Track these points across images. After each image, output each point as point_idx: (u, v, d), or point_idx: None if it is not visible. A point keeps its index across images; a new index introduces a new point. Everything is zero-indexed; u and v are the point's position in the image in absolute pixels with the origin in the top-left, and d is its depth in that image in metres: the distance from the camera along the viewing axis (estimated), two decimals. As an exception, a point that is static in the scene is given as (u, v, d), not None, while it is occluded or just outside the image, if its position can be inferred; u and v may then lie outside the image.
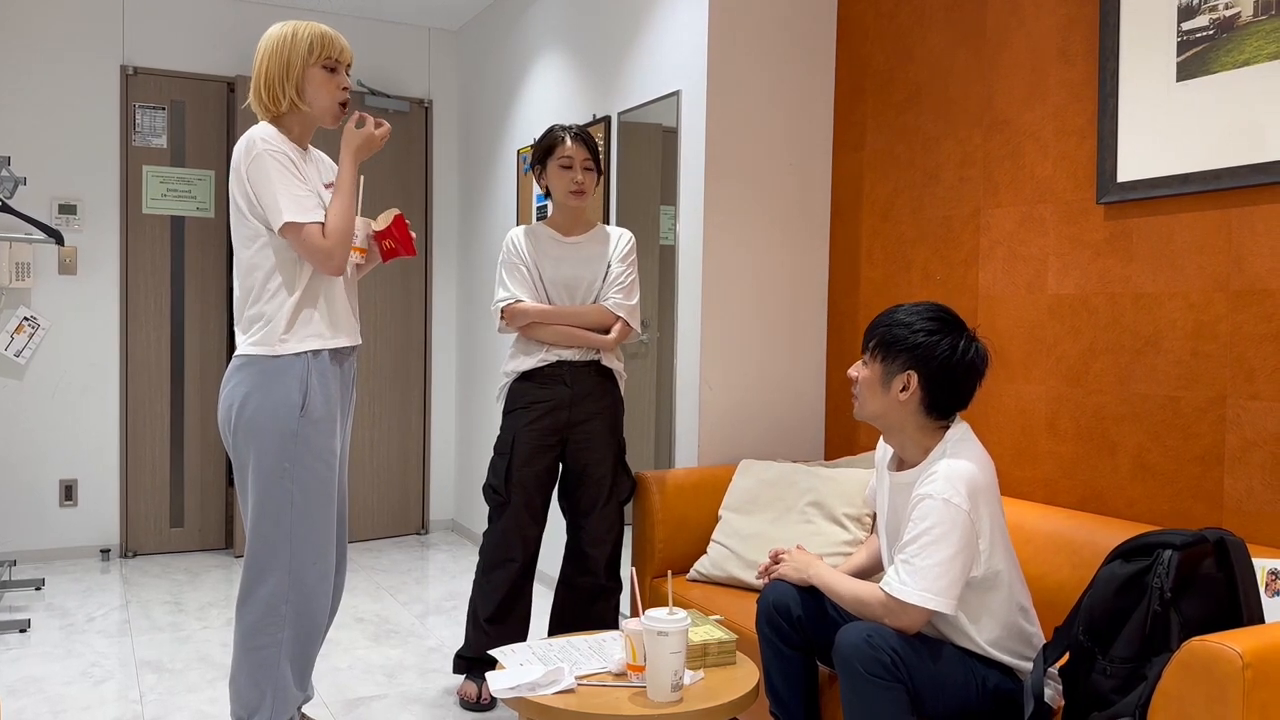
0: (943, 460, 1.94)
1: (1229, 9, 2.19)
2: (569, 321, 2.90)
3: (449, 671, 3.33)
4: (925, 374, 1.96)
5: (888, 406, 2.01)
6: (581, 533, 2.98)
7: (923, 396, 1.97)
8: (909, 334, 1.97)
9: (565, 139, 2.91)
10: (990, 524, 1.94)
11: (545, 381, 2.91)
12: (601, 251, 2.97)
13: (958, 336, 1.97)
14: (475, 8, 5.10)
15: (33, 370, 4.64)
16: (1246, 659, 1.47)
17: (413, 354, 5.39)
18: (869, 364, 2.04)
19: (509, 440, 2.92)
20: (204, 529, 4.99)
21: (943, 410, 1.99)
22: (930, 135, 3.02)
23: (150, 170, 4.83)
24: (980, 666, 1.97)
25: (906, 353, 1.97)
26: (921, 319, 1.98)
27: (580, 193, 2.92)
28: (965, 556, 1.89)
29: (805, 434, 3.44)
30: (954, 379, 1.97)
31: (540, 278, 2.95)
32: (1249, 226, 2.19)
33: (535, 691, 1.98)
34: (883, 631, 1.89)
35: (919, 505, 1.91)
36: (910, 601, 1.88)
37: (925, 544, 1.89)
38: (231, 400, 2.35)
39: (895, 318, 2.01)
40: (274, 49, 2.37)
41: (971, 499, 1.90)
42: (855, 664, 1.86)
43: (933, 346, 1.95)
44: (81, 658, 3.41)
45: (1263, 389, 2.16)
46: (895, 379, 1.99)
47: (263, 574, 2.35)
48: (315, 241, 2.29)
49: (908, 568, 1.90)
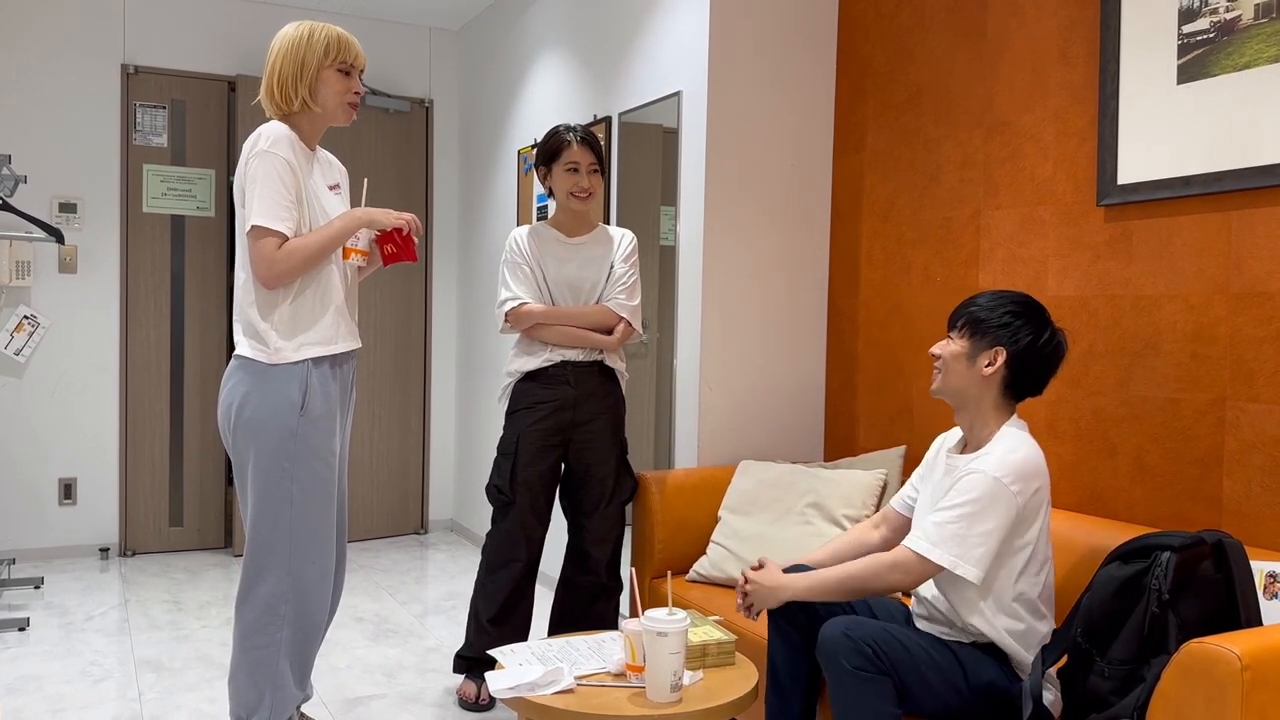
0: (1000, 445, 1.99)
1: (1230, 12, 2.19)
2: (572, 322, 2.90)
3: (448, 671, 3.33)
4: (1012, 353, 2.02)
5: (970, 380, 2.06)
6: (583, 532, 2.98)
7: (1006, 375, 2.04)
8: (998, 315, 2.04)
9: (572, 143, 2.91)
10: (1042, 515, 1.99)
11: (549, 382, 2.91)
12: (605, 252, 2.97)
13: (1044, 325, 2.04)
14: (476, 8, 5.10)
15: (32, 369, 4.64)
16: (1245, 661, 1.47)
17: (412, 353, 5.39)
18: (955, 340, 2.09)
19: (513, 440, 2.92)
20: (203, 528, 4.99)
21: (1019, 392, 2.06)
22: (931, 137, 3.03)
23: (151, 169, 4.83)
24: (979, 658, 1.97)
25: (996, 330, 2.03)
26: (1009, 301, 2.05)
27: (586, 196, 2.92)
28: (1001, 534, 1.93)
29: (805, 435, 3.45)
30: (1037, 363, 2.03)
31: (544, 278, 2.95)
32: (1249, 229, 2.19)
33: (534, 691, 1.98)
34: (863, 624, 1.91)
35: (966, 478, 1.96)
36: (939, 563, 1.93)
37: (966, 513, 1.93)
38: (231, 399, 2.34)
39: (981, 302, 2.08)
40: (289, 49, 2.37)
41: (1021, 483, 1.94)
42: (838, 658, 1.89)
43: (1021, 329, 2.03)
44: (80, 656, 3.41)
45: (1262, 391, 2.16)
46: (983, 354, 2.04)
47: (262, 573, 2.35)
48: (268, 250, 2.27)
49: (942, 531, 1.94)
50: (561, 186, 2.93)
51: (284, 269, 2.29)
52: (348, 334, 2.45)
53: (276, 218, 2.27)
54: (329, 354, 2.39)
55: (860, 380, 3.31)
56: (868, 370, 3.28)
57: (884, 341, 3.21)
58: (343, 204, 2.52)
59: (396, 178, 5.28)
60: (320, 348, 2.37)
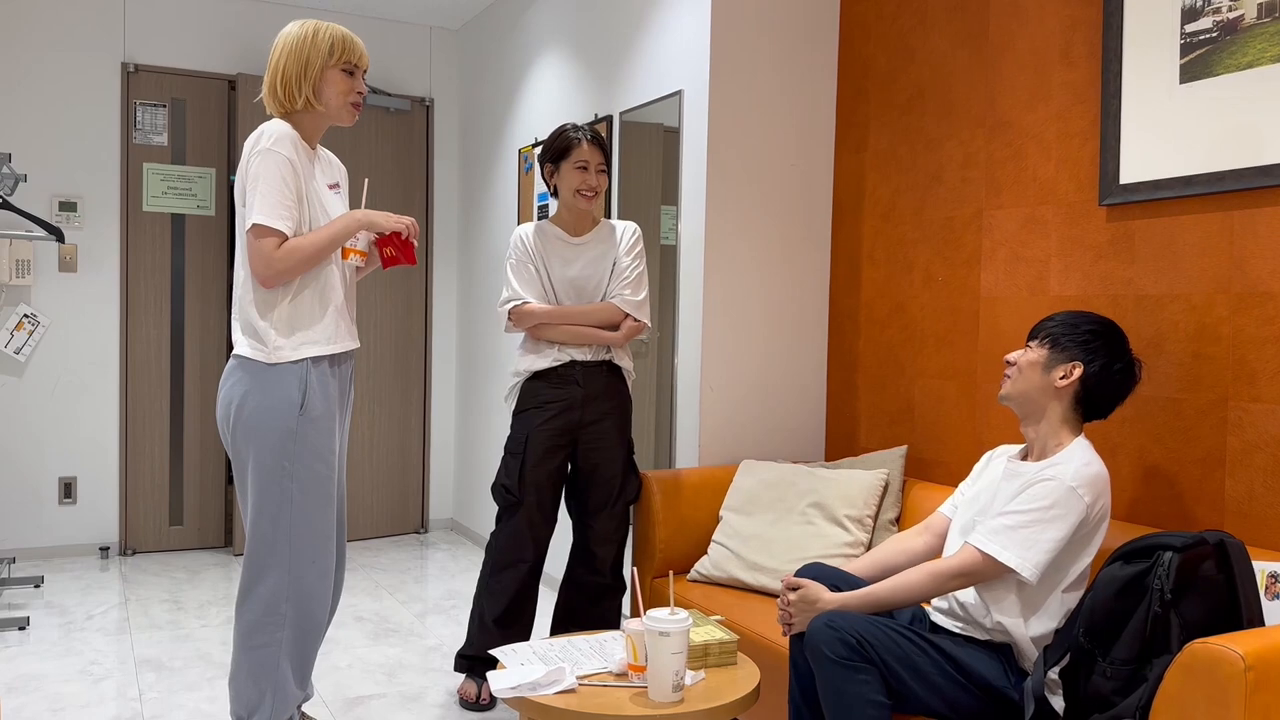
0: (1076, 458, 2.00)
1: (1232, 11, 2.19)
2: (578, 321, 2.89)
3: (449, 670, 3.33)
4: (1089, 370, 2.05)
5: (1043, 389, 2.07)
6: (590, 532, 2.97)
7: (1078, 390, 2.06)
8: (1081, 331, 2.07)
9: (582, 142, 2.91)
10: (1101, 532, 2.00)
11: (558, 381, 2.91)
12: (608, 249, 2.97)
13: (1124, 350, 2.08)
14: (477, 7, 5.10)
15: (33, 367, 4.64)
16: (1248, 661, 1.47)
17: (413, 353, 5.39)
18: (1034, 349, 2.11)
19: (522, 440, 2.91)
20: (203, 527, 4.99)
21: (1089, 410, 2.09)
22: (932, 136, 3.02)
23: (151, 168, 4.82)
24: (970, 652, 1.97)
25: (1080, 346, 2.06)
26: (1095, 323, 2.09)
27: (592, 195, 2.92)
28: (1064, 543, 1.96)
29: (806, 435, 3.44)
30: (1110, 386, 2.07)
31: (549, 277, 2.95)
32: (1251, 229, 2.19)
33: (536, 691, 1.98)
34: (844, 616, 1.93)
35: (1041, 484, 1.97)
36: (1008, 565, 1.94)
37: (1039, 519, 1.95)
38: (230, 399, 2.34)
39: (1067, 317, 2.11)
40: (294, 47, 2.36)
41: (1092, 496, 1.96)
42: (822, 650, 1.90)
43: (1100, 349, 2.06)
44: (80, 656, 3.40)
45: (1264, 391, 2.16)
46: (1060, 366, 2.06)
47: (262, 572, 2.35)
48: (265, 249, 2.27)
49: (1013, 535, 1.95)
50: (569, 184, 2.92)
51: (283, 268, 2.29)
52: (346, 334, 2.45)
53: (277, 216, 2.27)
54: (328, 353, 2.38)
55: (861, 380, 3.31)
56: (869, 370, 3.28)
57: (885, 341, 3.21)
58: (343, 203, 2.52)
59: (397, 177, 5.28)
60: (319, 347, 2.36)
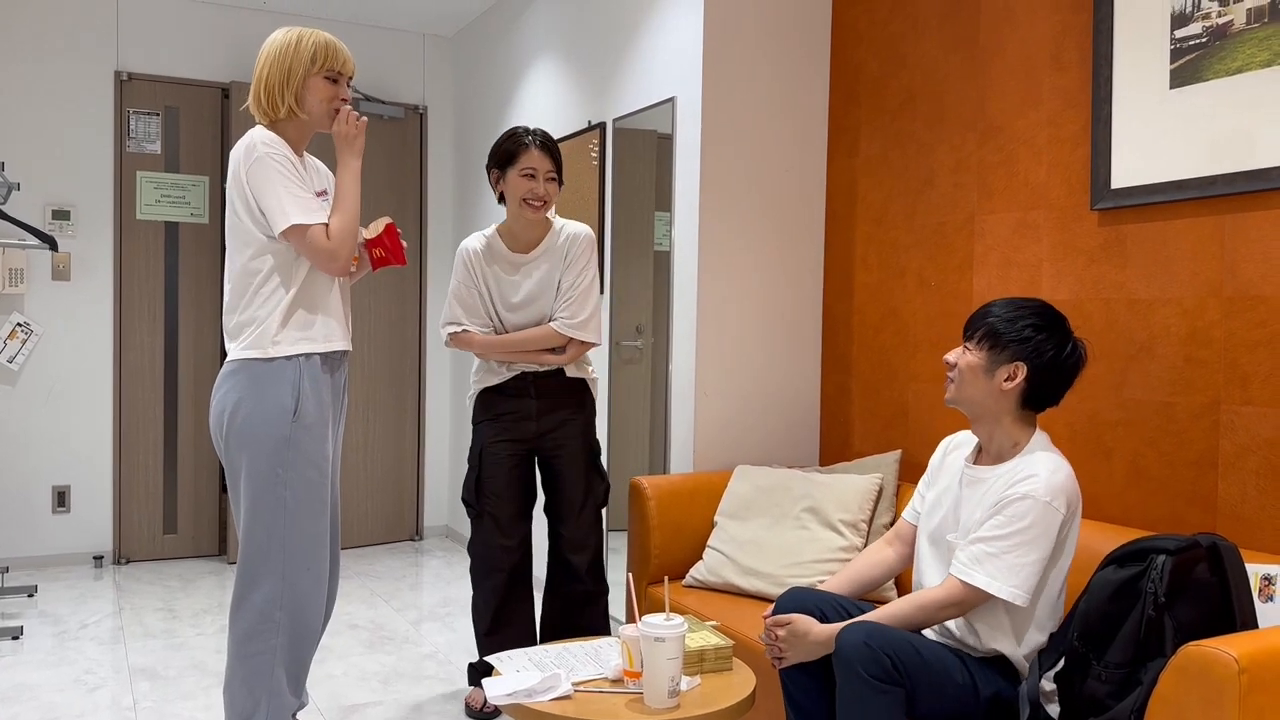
0: (1044, 468, 1.96)
1: (1221, 17, 2.21)
2: (518, 348, 2.84)
3: (444, 678, 3.33)
4: (1033, 368, 1.99)
5: (988, 394, 2.03)
6: (562, 541, 2.97)
7: (1025, 389, 2.01)
8: (1018, 328, 2.00)
9: (530, 146, 2.78)
10: (1075, 538, 1.99)
11: (512, 393, 2.90)
12: (552, 267, 2.87)
13: (1065, 336, 2.01)
14: (470, 14, 5.10)
15: (26, 376, 4.63)
16: (1242, 663, 1.48)
17: (407, 359, 5.38)
18: (972, 350, 2.05)
19: (477, 453, 2.92)
20: (197, 535, 4.97)
21: (1039, 404, 2.04)
22: (924, 141, 3.03)
23: (144, 176, 4.82)
24: (982, 669, 1.97)
25: (1016, 344, 1.99)
26: (1030, 313, 2.01)
27: (540, 205, 2.80)
28: (1048, 558, 1.94)
29: (800, 440, 3.45)
30: (1059, 374, 2.00)
31: (492, 301, 2.89)
32: (1242, 233, 2.20)
33: (532, 698, 1.97)
34: (883, 633, 1.89)
35: (1019, 503, 1.93)
36: (999, 596, 1.91)
37: (1020, 542, 1.92)
38: (223, 406, 2.34)
39: (999, 311, 2.03)
40: (277, 55, 2.36)
41: (1067, 507, 1.94)
42: (856, 665, 1.86)
43: (1042, 343, 1.99)
44: (74, 665, 3.39)
45: (1256, 394, 2.17)
46: (1001, 368, 2.01)
47: (256, 580, 2.34)
48: (320, 243, 2.29)
49: (997, 563, 1.92)
50: (514, 193, 2.79)
51: (345, 251, 2.33)
52: (341, 333, 2.45)
53: (310, 211, 2.29)
54: (324, 351, 2.38)
55: (855, 384, 3.31)
56: (863, 374, 3.28)
57: (879, 346, 3.21)
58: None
59: (391, 184, 5.28)
60: (316, 344, 2.36)
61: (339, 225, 2.33)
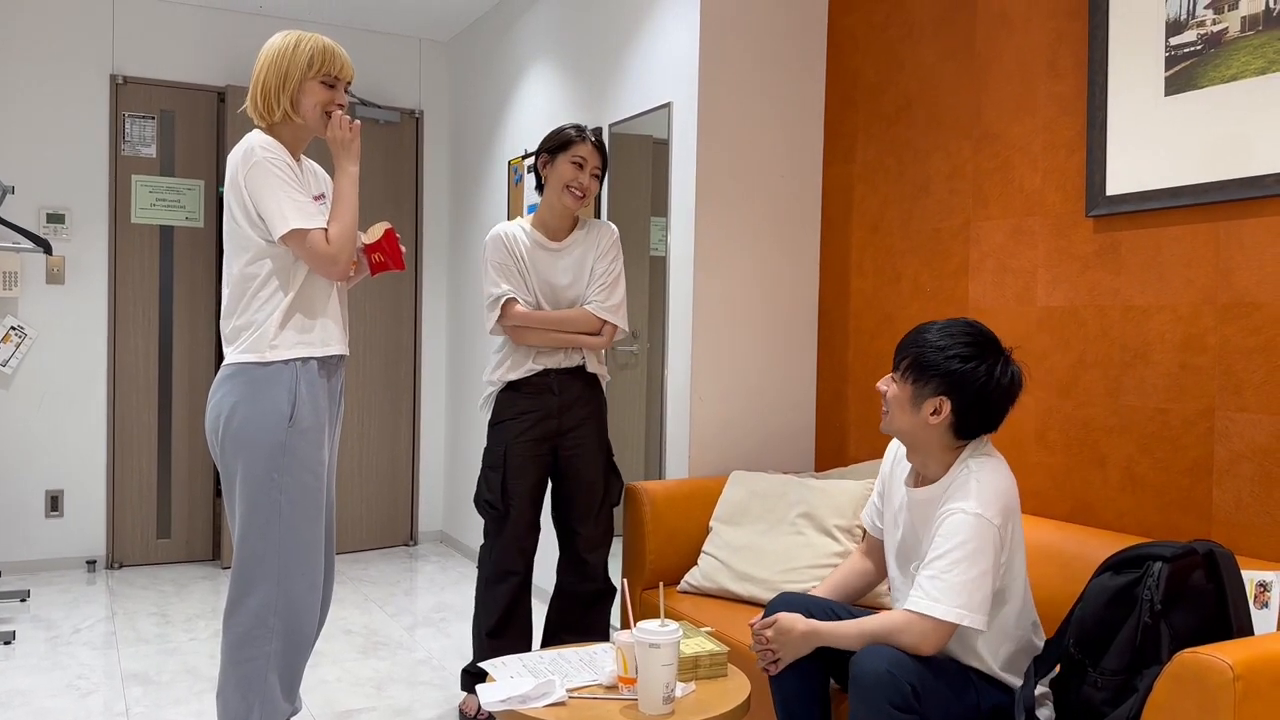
0: (972, 478, 1.91)
1: (1216, 24, 2.21)
2: (560, 327, 2.86)
3: (438, 684, 3.32)
4: (958, 400, 1.92)
5: (916, 426, 1.97)
6: (578, 540, 2.96)
7: (953, 421, 1.94)
8: (943, 359, 1.92)
9: (586, 140, 2.88)
10: (1013, 539, 1.93)
11: (532, 391, 2.89)
12: (587, 252, 2.94)
13: (994, 361, 1.92)
14: (466, 19, 5.11)
15: (19, 380, 4.62)
16: (1237, 671, 1.48)
17: (402, 364, 5.38)
18: (899, 382, 1.99)
19: (500, 452, 2.89)
20: (191, 540, 4.96)
21: (971, 433, 1.97)
22: (920, 148, 3.04)
23: (139, 180, 4.81)
24: (986, 688, 1.96)
25: (940, 378, 1.92)
26: (957, 342, 1.93)
27: (581, 195, 2.87)
28: (995, 573, 1.88)
29: (796, 445, 3.45)
30: (987, 404, 1.93)
31: (533, 280, 2.92)
32: (1237, 240, 2.20)
33: (526, 704, 1.97)
34: (905, 662, 1.84)
35: (949, 519, 1.89)
36: (944, 619, 1.84)
37: (957, 559, 1.85)
38: (219, 410, 2.33)
39: (928, 339, 1.95)
40: (274, 58, 2.36)
41: (1003, 515, 1.89)
42: (877, 693, 1.82)
43: (968, 374, 1.91)
44: (67, 670, 3.38)
45: (1250, 401, 2.17)
46: (926, 402, 1.94)
47: (250, 585, 2.34)
48: (319, 248, 2.29)
49: (939, 584, 1.86)
50: (560, 178, 2.86)
51: (345, 255, 2.33)
52: (339, 338, 2.45)
53: (309, 216, 2.29)
54: (321, 355, 2.38)
55: (851, 390, 3.31)
56: (858, 381, 3.28)
57: (874, 352, 3.21)
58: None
59: (386, 189, 5.28)
60: (314, 348, 2.36)
61: (338, 230, 2.33)
